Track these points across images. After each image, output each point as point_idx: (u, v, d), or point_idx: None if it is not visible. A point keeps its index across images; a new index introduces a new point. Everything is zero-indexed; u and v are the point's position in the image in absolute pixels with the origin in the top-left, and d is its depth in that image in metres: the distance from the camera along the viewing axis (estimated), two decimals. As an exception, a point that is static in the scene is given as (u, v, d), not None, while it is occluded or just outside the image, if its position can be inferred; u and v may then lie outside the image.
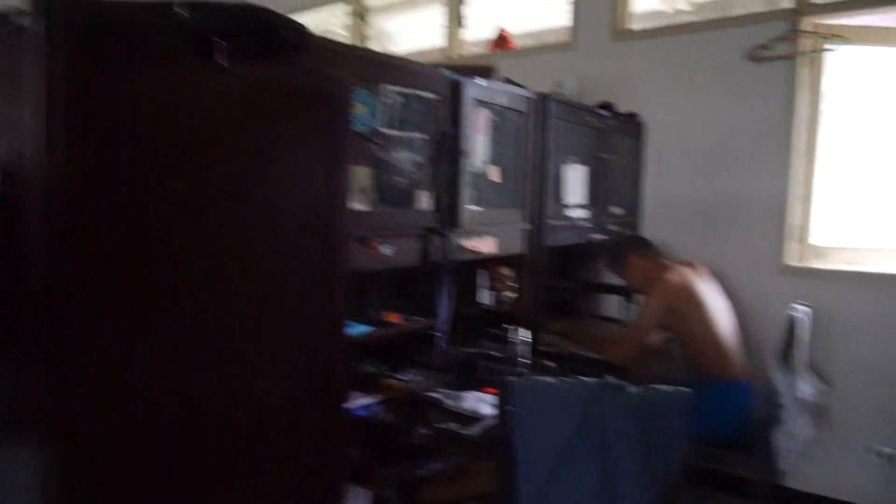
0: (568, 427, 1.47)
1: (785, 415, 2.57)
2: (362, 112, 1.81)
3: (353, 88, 1.72)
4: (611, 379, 1.53)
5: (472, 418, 1.96)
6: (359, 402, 1.98)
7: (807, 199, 3.26)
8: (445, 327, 2.17)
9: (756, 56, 3.21)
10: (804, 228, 3.27)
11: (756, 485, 2.54)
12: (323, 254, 1.60)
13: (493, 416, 2.00)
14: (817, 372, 2.82)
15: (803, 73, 3.16)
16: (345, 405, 1.79)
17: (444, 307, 2.15)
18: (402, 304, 2.49)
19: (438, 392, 2.14)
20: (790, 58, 3.13)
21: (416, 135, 2.00)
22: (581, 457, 1.46)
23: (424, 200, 2.07)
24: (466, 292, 2.89)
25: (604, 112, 3.04)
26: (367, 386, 2.14)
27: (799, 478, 2.98)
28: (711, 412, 2.68)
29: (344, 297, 1.67)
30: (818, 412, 2.64)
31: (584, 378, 1.54)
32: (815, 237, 3.28)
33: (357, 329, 2.12)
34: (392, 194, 1.95)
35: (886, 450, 3.02)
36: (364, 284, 2.40)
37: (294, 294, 1.54)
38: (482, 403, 2.04)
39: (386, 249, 1.89)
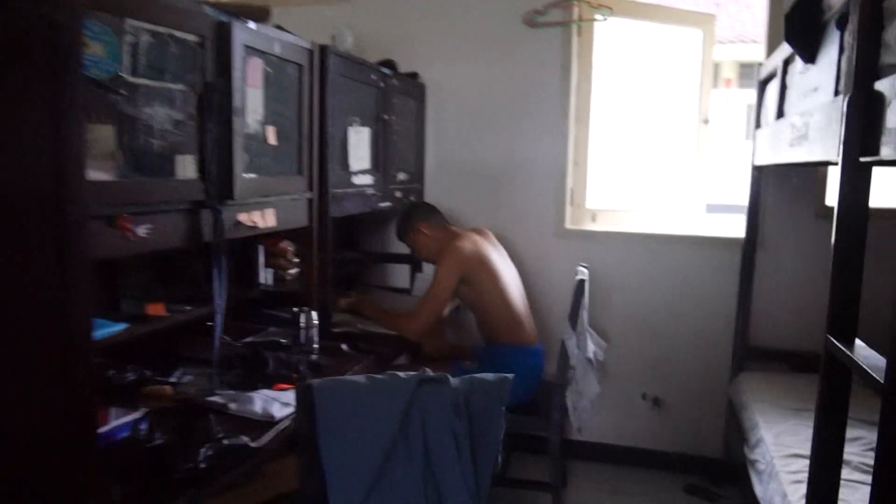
0: (385, 432, 1.26)
1: (575, 375, 2.63)
2: (99, 53, 1.40)
3: (83, 19, 1.30)
4: (429, 372, 1.35)
5: (265, 423, 1.67)
6: (117, 421, 1.59)
7: (582, 163, 3.37)
8: (222, 316, 1.83)
9: (531, 21, 3.21)
10: (579, 192, 3.39)
11: (550, 443, 2.57)
12: (53, 240, 1.20)
13: (290, 418, 1.73)
14: (597, 329, 2.94)
15: (576, 41, 3.23)
16: (96, 429, 1.40)
17: (220, 293, 1.81)
18: (168, 292, 2.09)
19: (220, 395, 1.81)
20: (564, 24, 3.18)
21: (174, 86, 1.62)
22: (402, 462, 1.26)
23: (188, 167, 1.70)
24: (244, 272, 2.54)
25: (386, 70, 2.83)
26: (127, 398, 1.74)
27: (586, 430, 3.11)
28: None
29: (86, 293, 1.29)
30: (601, 368, 2.75)
31: (399, 374, 1.34)
32: (589, 201, 3.42)
33: (108, 329, 1.70)
34: (146, 160, 1.56)
35: (654, 394, 3.29)
36: (116, 273, 1.96)
37: (14, 294, 1.14)
38: (275, 403, 1.75)
39: (141, 230, 1.51)
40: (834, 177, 3.19)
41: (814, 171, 3.01)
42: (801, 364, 3.04)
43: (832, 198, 3.10)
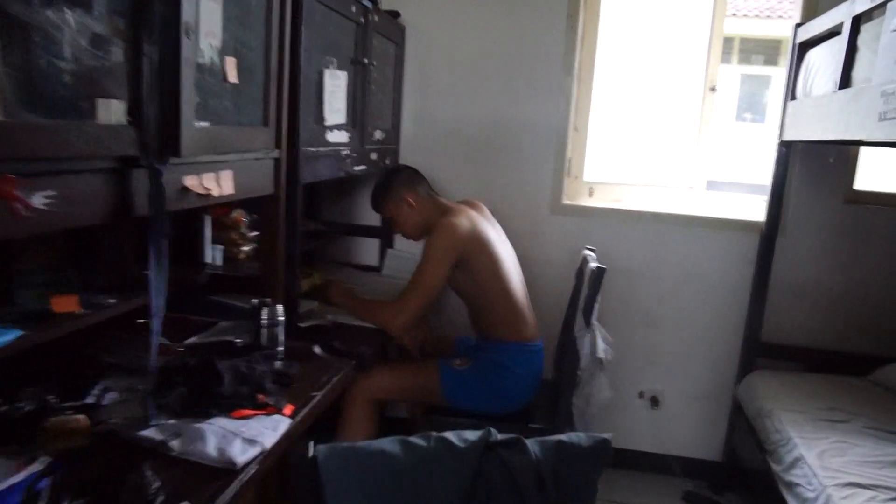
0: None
1: (584, 376, 2.23)
2: None
3: None
4: (496, 434, 0.90)
5: (223, 471, 1.19)
6: (3, 482, 1.08)
7: (582, 129, 2.94)
8: (160, 319, 1.33)
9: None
10: (577, 162, 2.97)
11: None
12: None
13: (257, 461, 1.25)
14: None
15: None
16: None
17: (158, 289, 1.30)
18: (83, 278, 1.56)
19: (158, 427, 1.30)
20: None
21: (95, -16, 1.08)
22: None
23: (114, 108, 1.16)
24: (185, 248, 2.02)
25: (367, 2, 2.29)
26: (21, 440, 1.22)
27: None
28: (505, 380, 2.24)
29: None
30: (609, 368, 2.37)
31: (450, 437, 0.88)
32: (587, 173, 3.00)
33: (-8, 340, 1.18)
34: (50, 95, 1.02)
35: (651, 392, 2.94)
36: (9, 254, 1.42)
37: None
38: (235, 440, 1.27)
39: (38, 199, 0.98)
40: (868, 158, 2.89)
41: (846, 152, 2.67)
42: (816, 363, 2.75)
43: (863, 182, 2.80)
